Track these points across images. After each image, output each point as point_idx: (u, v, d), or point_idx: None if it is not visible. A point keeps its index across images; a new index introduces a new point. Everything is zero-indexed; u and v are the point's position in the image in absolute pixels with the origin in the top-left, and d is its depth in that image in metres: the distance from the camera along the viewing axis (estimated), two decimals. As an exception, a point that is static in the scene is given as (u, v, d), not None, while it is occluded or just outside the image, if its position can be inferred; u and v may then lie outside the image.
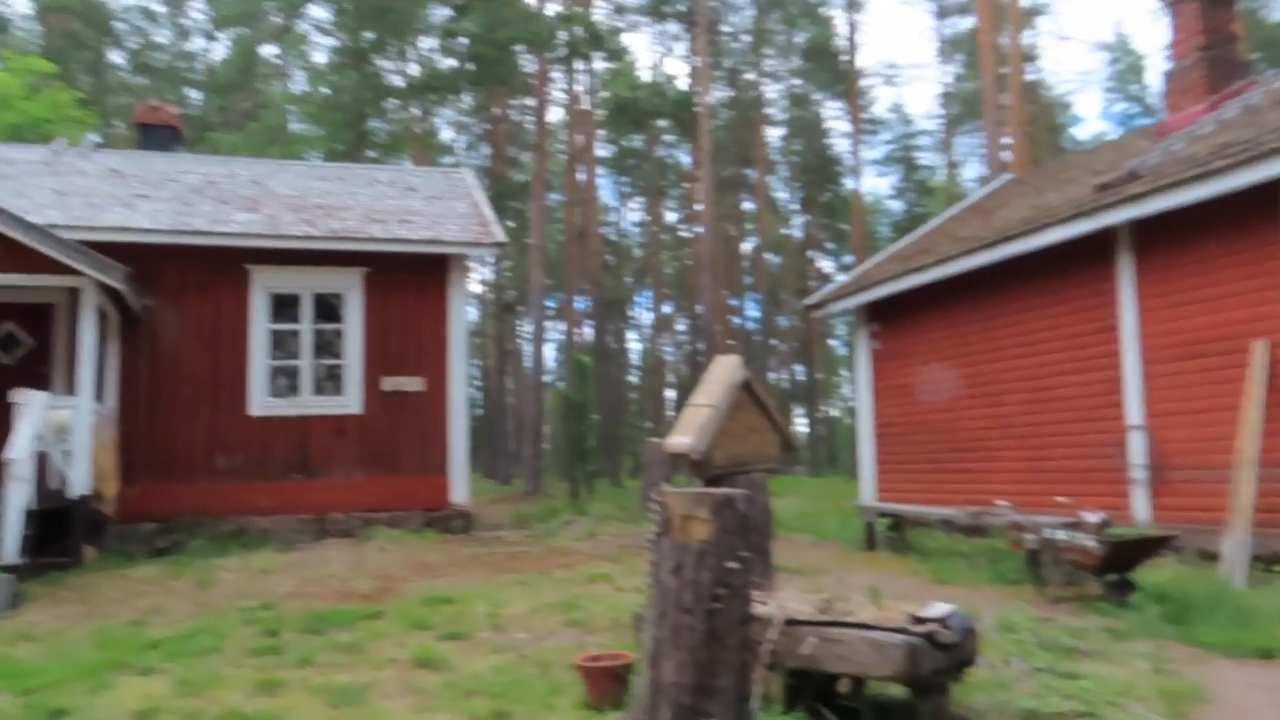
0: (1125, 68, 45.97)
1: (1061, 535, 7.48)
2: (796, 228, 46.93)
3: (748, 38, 38.87)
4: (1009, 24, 25.88)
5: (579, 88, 29.00)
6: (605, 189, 48.80)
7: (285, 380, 12.05)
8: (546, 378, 47.43)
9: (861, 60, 43.76)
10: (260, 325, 11.78)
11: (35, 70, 21.35)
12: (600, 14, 28.80)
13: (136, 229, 11.17)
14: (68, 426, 9.41)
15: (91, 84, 33.16)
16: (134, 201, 11.89)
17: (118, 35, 35.49)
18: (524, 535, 12.05)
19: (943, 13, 41.06)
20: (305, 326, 12.00)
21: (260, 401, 11.70)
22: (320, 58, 27.69)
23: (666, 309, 53.33)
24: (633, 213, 51.48)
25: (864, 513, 10.73)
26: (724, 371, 6.69)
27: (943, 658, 3.80)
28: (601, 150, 45.82)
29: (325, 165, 15.71)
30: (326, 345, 12.19)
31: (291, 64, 27.71)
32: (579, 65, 27.30)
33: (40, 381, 9.98)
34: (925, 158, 48.09)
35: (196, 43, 32.98)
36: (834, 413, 53.00)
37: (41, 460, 9.41)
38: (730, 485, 6.41)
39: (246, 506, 11.35)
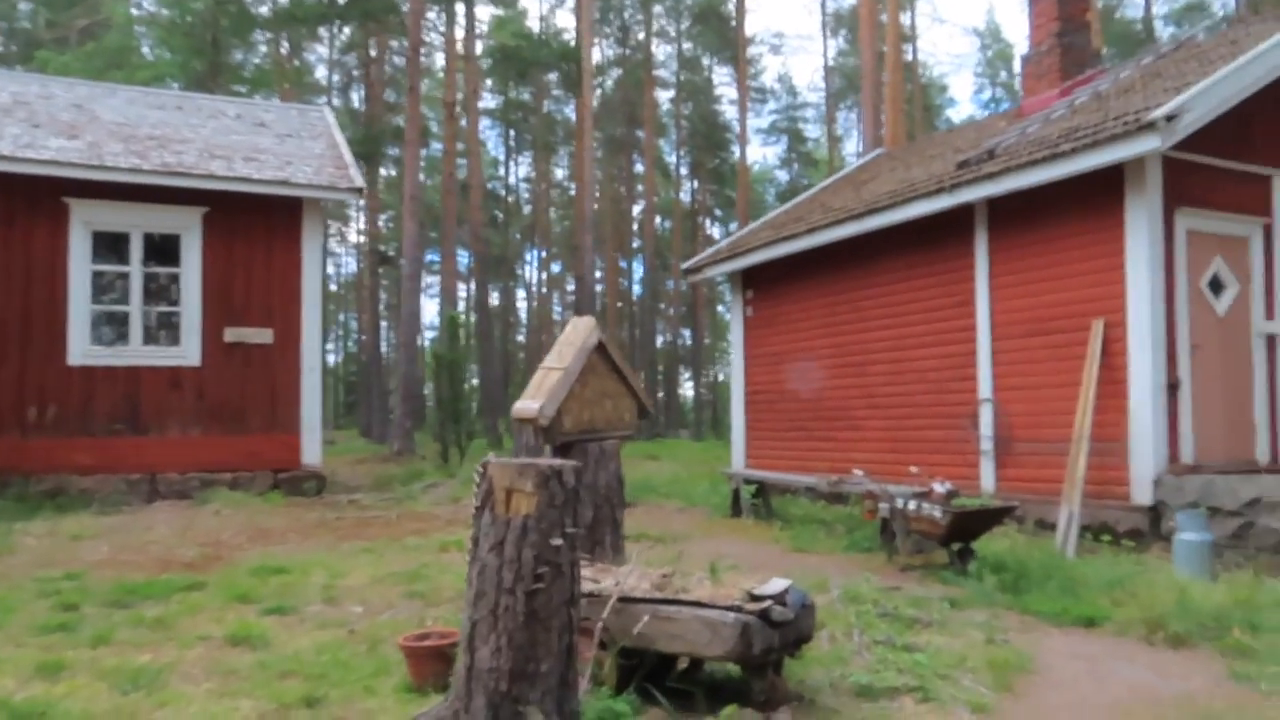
0: (995, 55, 47.64)
1: (911, 505, 7.56)
2: (686, 193, 46.94)
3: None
4: (888, 1, 26.26)
5: (460, 32, 28.00)
6: (491, 141, 47.66)
7: (113, 328, 11.13)
8: (428, 335, 46.29)
9: (750, 27, 43.74)
10: (81, 265, 10.80)
11: None
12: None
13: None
14: None
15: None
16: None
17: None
18: (381, 499, 11.54)
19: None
20: (134, 269, 11.07)
21: (81, 349, 10.75)
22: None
23: (556, 269, 52.73)
24: (521, 168, 50.46)
25: (731, 479, 10.71)
26: (577, 334, 6.42)
27: (777, 635, 3.67)
28: (488, 101, 44.63)
29: (163, 93, 14.44)
30: (161, 291, 11.31)
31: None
32: (460, 7, 26.34)
33: None
34: (810, 130, 48.86)
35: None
36: (721, 378, 53.67)
37: None
38: (581, 451, 6.20)
39: (65, 464, 10.46)
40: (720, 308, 47.80)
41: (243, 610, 5.82)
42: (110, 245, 11.03)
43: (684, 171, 47.03)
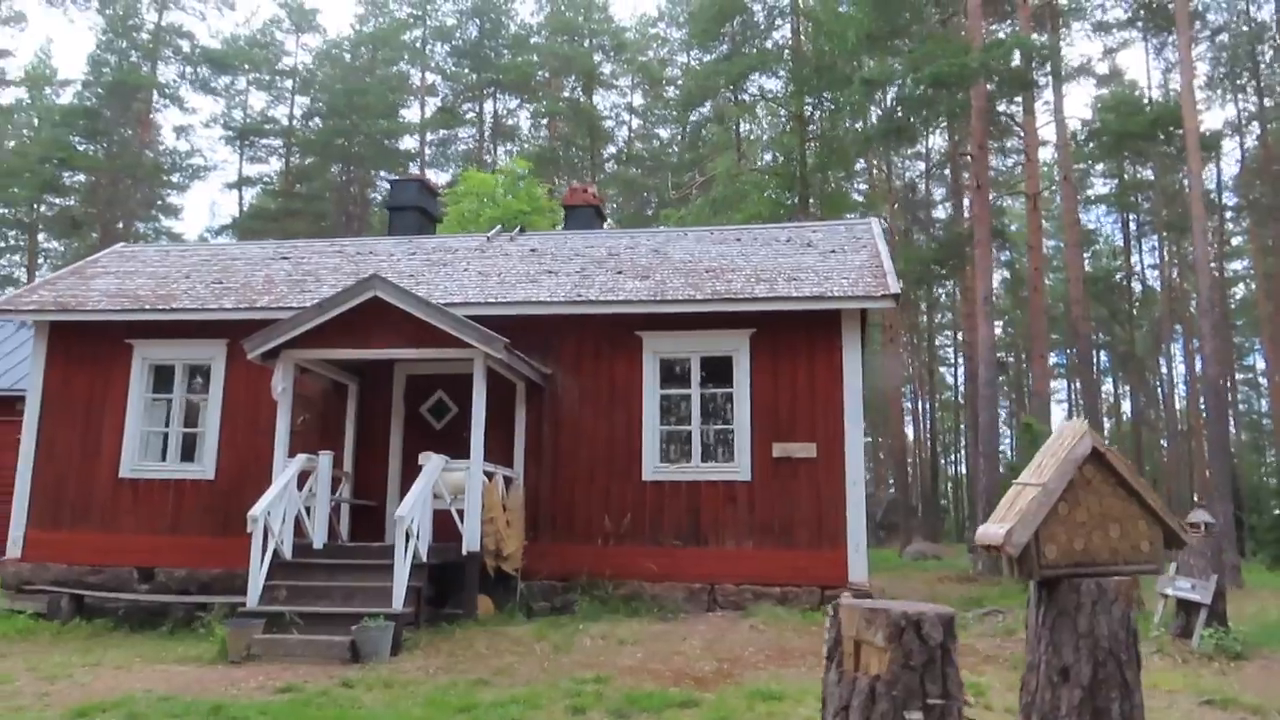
0: None
1: None
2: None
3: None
4: None
5: (1047, 116, 26.38)
6: (1108, 227, 43.80)
7: (675, 446, 12.03)
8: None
9: None
10: (651, 390, 11.92)
11: (516, 169, 24.93)
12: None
13: (536, 302, 12.01)
14: (462, 486, 10.23)
15: (581, 177, 37.98)
16: (540, 277, 12.84)
17: (606, 132, 40.37)
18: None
19: None
20: (693, 391, 11.91)
21: (651, 466, 11.79)
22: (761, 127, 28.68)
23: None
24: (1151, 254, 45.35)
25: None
26: (1060, 442, 5.06)
27: None
28: (1099, 185, 41.22)
29: (726, 229, 15.69)
30: (716, 410, 11.97)
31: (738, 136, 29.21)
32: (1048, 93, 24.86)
33: (461, 444, 11.02)
34: None
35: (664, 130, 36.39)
36: None
37: (442, 518, 10.36)
38: (1072, 590, 4.82)
39: (637, 571, 11.40)
40: None
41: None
42: (673, 370, 12.06)
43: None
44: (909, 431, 44.68)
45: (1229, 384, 49.46)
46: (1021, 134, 24.22)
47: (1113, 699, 4.73)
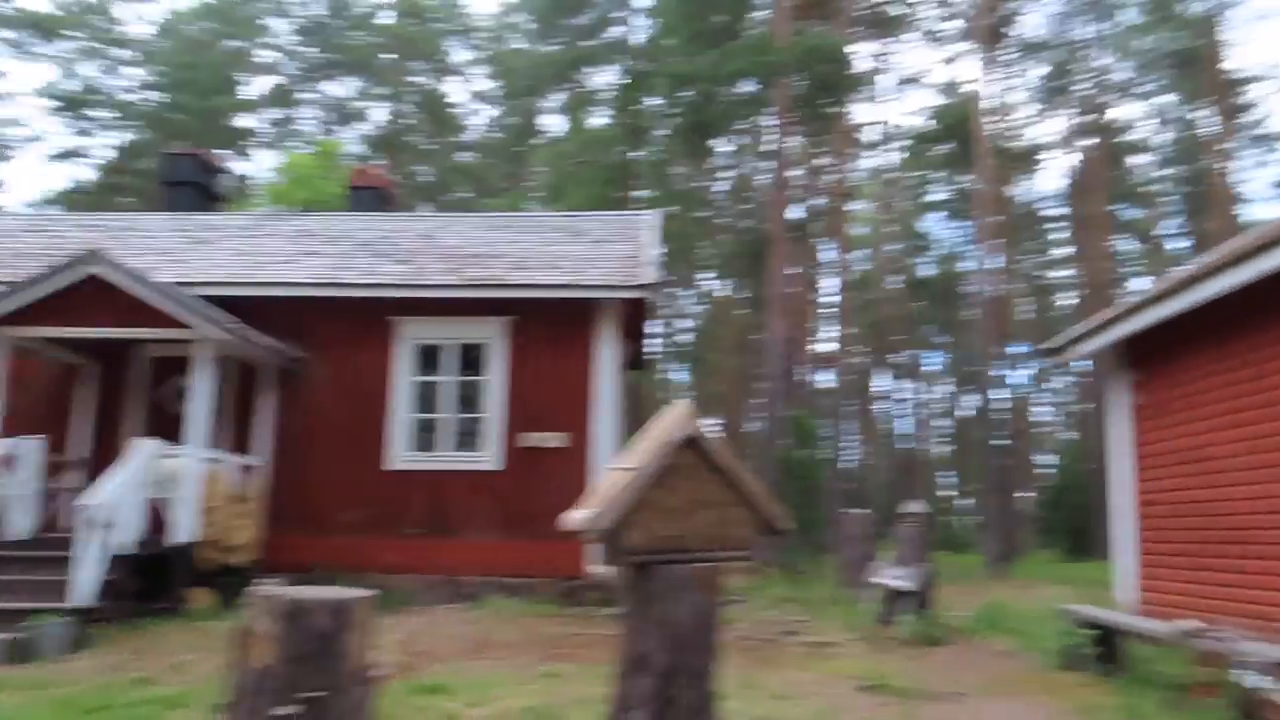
0: None
1: (1265, 682, 4.81)
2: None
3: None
4: None
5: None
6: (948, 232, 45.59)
7: (428, 435, 11.71)
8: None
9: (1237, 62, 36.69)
10: (404, 377, 11.59)
11: (331, 150, 24.13)
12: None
13: (285, 283, 11.51)
14: (176, 475, 9.65)
15: (427, 164, 37.18)
16: (300, 258, 12.32)
17: (452, 119, 39.62)
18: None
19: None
20: (448, 379, 11.63)
21: (400, 455, 11.44)
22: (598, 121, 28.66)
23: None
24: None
25: (1067, 618, 8.04)
26: (664, 426, 5.01)
27: None
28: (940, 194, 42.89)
29: (502, 215, 15.53)
30: (472, 399, 11.72)
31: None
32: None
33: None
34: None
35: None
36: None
37: (154, 508, 9.75)
38: (654, 577, 4.75)
39: (378, 563, 11.03)
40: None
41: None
42: (431, 357, 11.73)
43: (1179, 245, 40.31)
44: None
45: (1057, 386, 52.44)
46: (828, 137, 24.95)
47: (684, 686, 4.69)
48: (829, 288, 27.54)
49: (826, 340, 31.49)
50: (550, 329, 11.58)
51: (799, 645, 8.93)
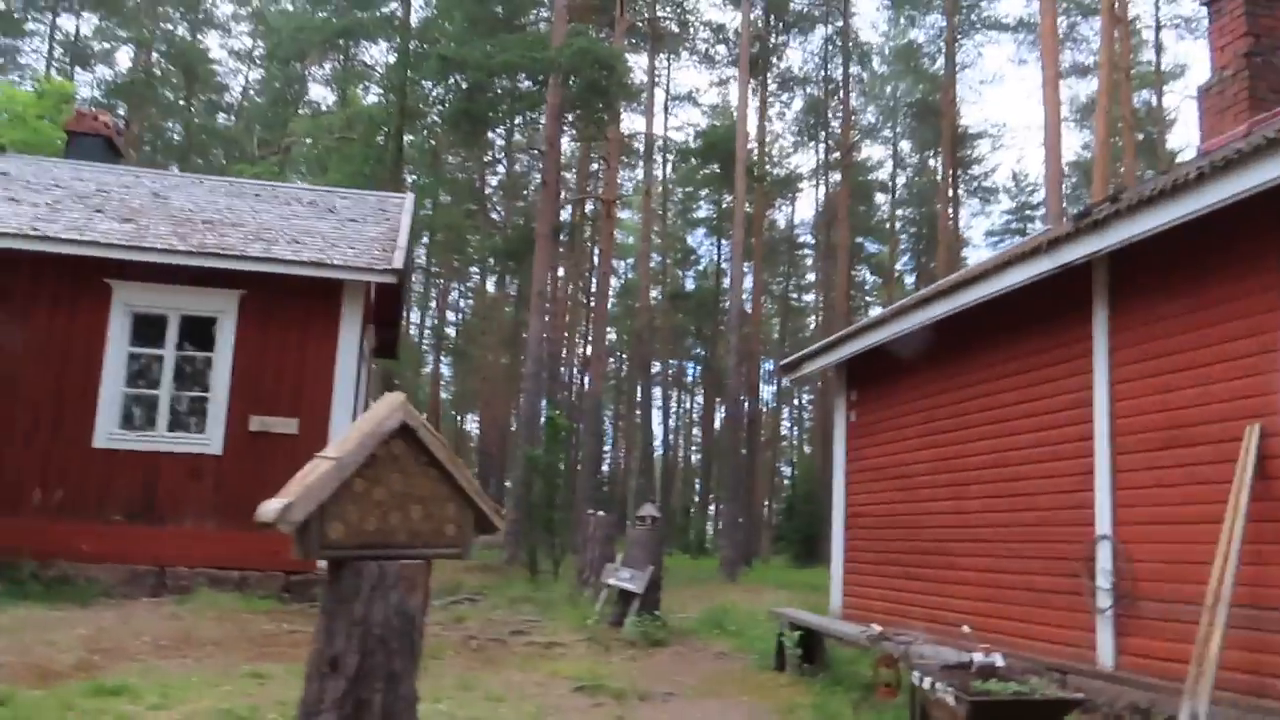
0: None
1: (926, 683, 5.15)
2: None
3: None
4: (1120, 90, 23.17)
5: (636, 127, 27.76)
6: (705, 247, 47.22)
7: (143, 411, 10.69)
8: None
9: (969, 119, 40.68)
10: (118, 347, 10.50)
11: (61, 92, 21.73)
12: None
13: (-25, 231, 10.13)
14: None
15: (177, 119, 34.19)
16: (-5, 205, 10.91)
17: (206, 75, 36.82)
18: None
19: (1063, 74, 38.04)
20: (168, 352, 10.65)
21: (106, 432, 10.35)
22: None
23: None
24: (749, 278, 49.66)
25: (778, 620, 8.44)
26: (375, 415, 4.76)
27: None
28: (707, 209, 44.40)
29: (246, 182, 14.59)
30: (195, 376, 10.81)
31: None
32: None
33: None
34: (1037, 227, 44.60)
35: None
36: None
37: None
38: (353, 574, 4.48)
39: (73, 550, 9.93)
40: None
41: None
42: (150, 328, 10.70)
43: (912, 280, 44.10)
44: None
45: (799, 402, 55.79)
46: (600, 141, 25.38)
47: (377, 690, 4.42)
48: (596, 292, 27.82)
49: (591, 344, 31.85)
50: (289, 308, 10.88)
51: (526, 645, 8.85)
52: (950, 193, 32.08)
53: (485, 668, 7.69)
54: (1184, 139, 37.15)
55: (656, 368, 53.72)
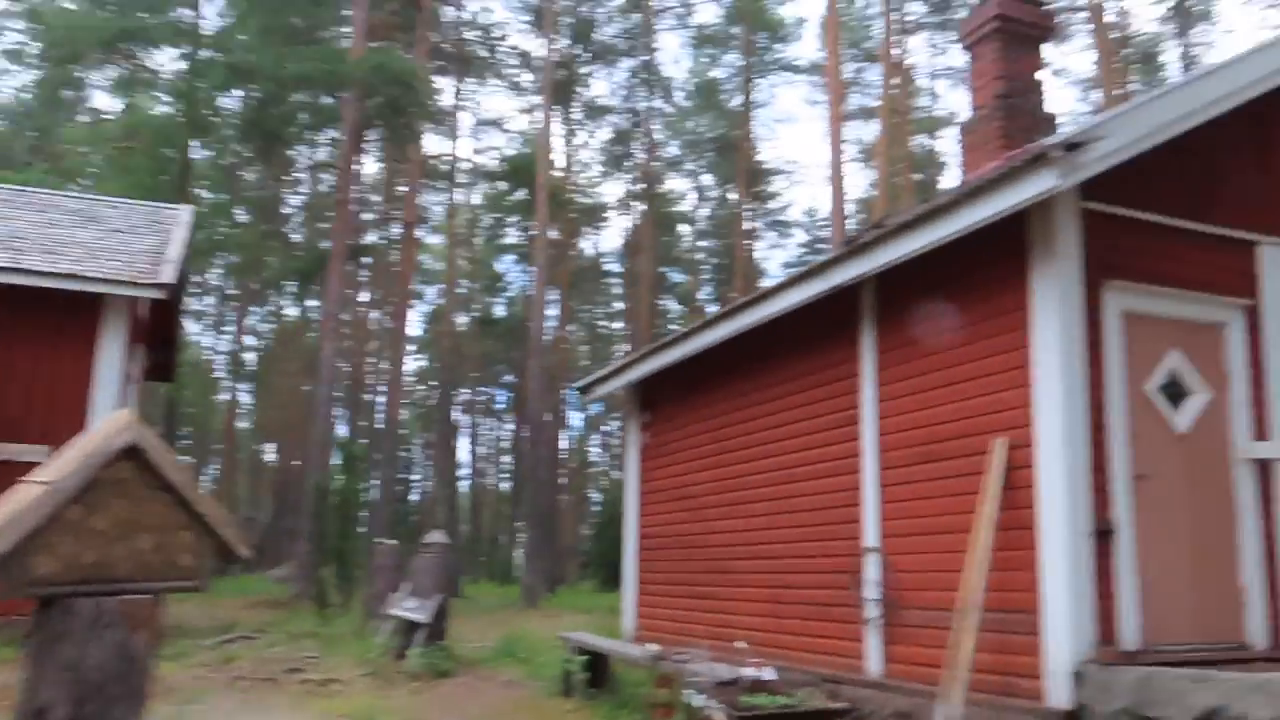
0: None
1: (698, 700, 5.12)
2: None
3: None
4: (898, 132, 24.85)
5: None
6: (515, 273, 46.76)
7: None
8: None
9: (766, 155, 42.49)
10: None
11: None
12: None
13: None
14: None
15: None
16: None
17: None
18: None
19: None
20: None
21: None
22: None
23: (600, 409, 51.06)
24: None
25: (566, 645, 8.29)
26: (98, 435, 4.31)
27: None
28: (516, 236, 44.10)
29: (4, 188, 13.24)
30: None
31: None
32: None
33: None
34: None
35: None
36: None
37: None
38: (64, 612, 3.99)
39: None
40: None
41: None
42: None
43: (713, 310, 45.45)
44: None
45: (609, 428, 56.07)
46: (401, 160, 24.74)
47: (88, 744, 3.97)
48: (395, 315, 26.97)
49: (396, 370, 30.89)
50: (40, 324, 9.88)
51: (300, 684, 8.31)
52: (747, 225, 33.35)
53: (251, 710, 7.14)
54: (957, 179, 40.35)
55: (468, 395, 52.82)
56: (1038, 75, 9.65)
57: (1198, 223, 6.29)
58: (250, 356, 44.72)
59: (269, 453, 44.71)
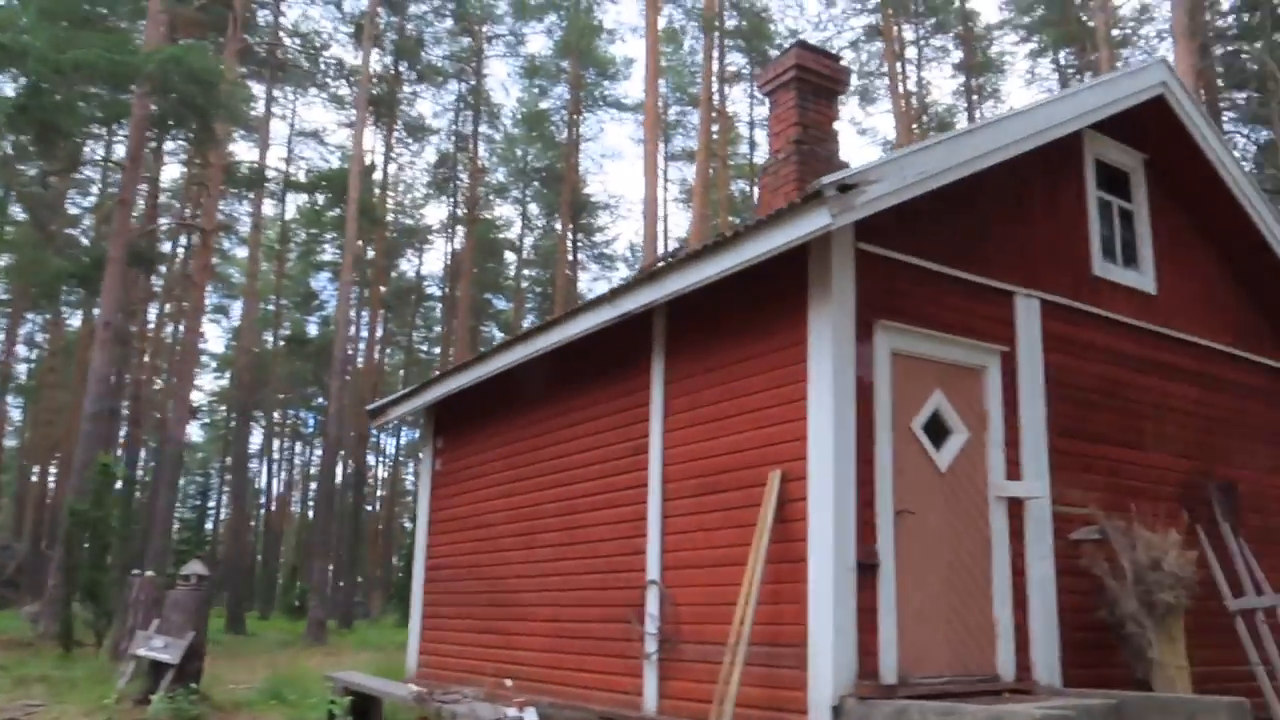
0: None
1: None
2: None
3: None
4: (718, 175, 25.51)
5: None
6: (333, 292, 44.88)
7: None
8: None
9: (591, 189, 42.87)
10: None
11: None
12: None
13: None
14: None
15: None
16: None
17: None
18: None
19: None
20: None
21: None
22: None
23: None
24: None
25: (330, 685, 7.74)
26: None
27: None
28: (333, 253, 42.33)
29: None
30: None
31: None
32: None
33: None
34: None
35: None
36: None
37: None
38: None
39: None
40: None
41: None
42: None
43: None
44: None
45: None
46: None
47: None
48: (186, 327, 25.18)
49: (186, 384, 28.82)
50: None
51: (16, 736, 7.36)
52: (571, 256, 33.40)
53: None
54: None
55: (276, 417, 50.17)
56: (833, 124, 10.02)
57: (963, 271, 6.59)
58: (22, 369, 40.88)
59: (37, 475, 40.86)
